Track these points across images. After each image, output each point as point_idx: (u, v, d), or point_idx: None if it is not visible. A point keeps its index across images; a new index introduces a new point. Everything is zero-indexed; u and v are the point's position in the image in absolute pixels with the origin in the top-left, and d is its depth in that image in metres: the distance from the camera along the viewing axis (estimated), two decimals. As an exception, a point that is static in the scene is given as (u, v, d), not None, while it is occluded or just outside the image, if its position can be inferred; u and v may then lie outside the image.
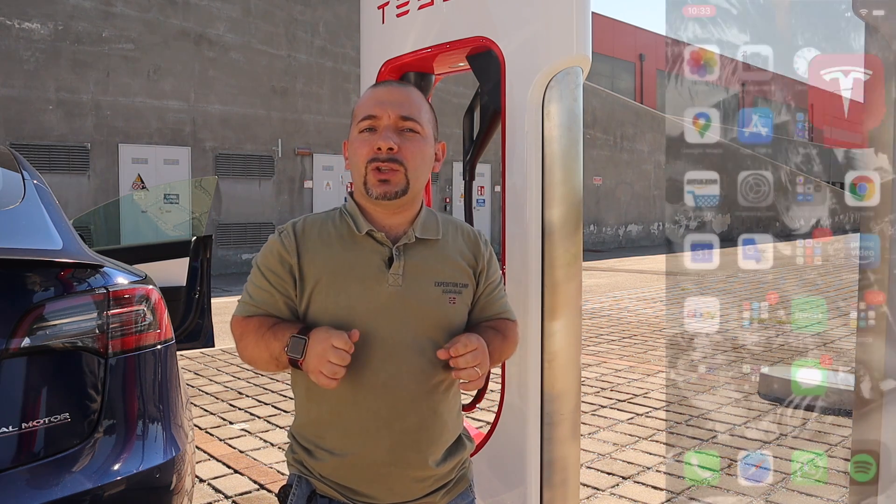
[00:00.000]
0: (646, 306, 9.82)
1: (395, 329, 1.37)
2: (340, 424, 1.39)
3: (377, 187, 1.38)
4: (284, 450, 3.99)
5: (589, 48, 2.00)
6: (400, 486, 1.40)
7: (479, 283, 1.49)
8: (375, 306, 1.37)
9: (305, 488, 1.43)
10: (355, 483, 1.40)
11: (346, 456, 1.39)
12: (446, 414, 1.44)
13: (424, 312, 1.39)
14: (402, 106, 1.41)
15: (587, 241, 20.36)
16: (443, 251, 1.46)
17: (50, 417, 1.59)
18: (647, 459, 3.89)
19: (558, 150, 1.99)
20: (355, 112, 1.46)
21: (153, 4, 12.72)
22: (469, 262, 1.48)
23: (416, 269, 1.41)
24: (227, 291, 11.09)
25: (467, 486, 1.52)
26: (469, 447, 1.52)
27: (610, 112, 22.46)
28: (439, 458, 1.43)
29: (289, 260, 1.40)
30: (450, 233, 1.49)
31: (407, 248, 1.42)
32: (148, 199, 7.05)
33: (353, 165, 1.44)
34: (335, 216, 1.46)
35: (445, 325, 1.41)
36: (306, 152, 14.64)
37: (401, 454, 1.38)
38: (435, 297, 1.41)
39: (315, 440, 1.42)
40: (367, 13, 2.49)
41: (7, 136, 11.27)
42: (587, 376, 5.69)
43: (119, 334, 1.74)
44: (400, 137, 1.39)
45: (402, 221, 1.44)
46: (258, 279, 1.43)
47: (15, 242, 1.71)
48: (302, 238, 1.42)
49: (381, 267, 1.39)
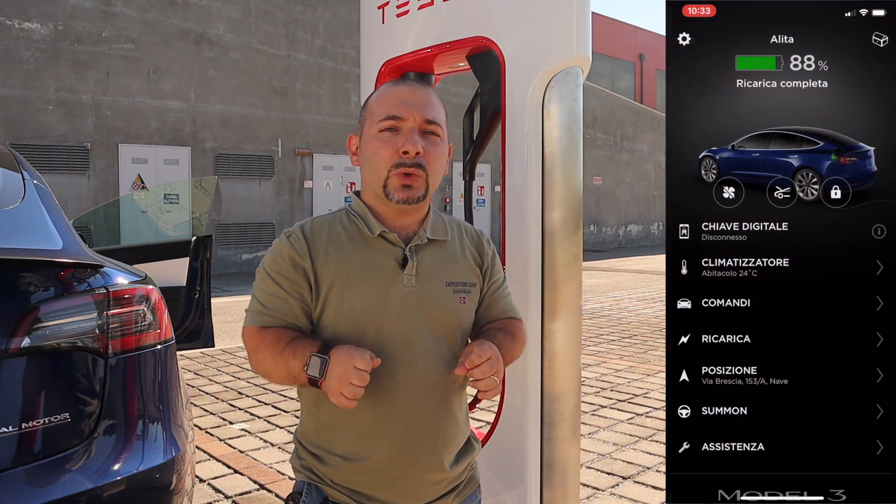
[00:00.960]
0: (646, 306, 9.81)
1: (409, 330, 1.36)
2: (354, 428, 1.35)
3: (399, 192, 1.35)
4: (284, 450, 4.00)
5: (589, 48, 2.00)
6: (415, 489, 1.38)
7: (484, 281, 1.48)
8: (390, 307, 1.35)
9: (316, 496, 1.39)
10: (369, 488, 1.36)
11: (361, 461, 1.35)
12: (459, 414, 1.43)
13: (438, 312, 1.38)
14: (426, 108, 1.38)
15: (587, 241, 20.35)
16: (451, 251, 1.45)
17: (50, 417, 1.59)
18: (647, 459, 3.89)
19: (558, 150, 1.99)
20: (372, 109, 1.41)
21: (153, 4, 12.72)
22: (476, 261, 1.47)
23: (427, 269, 1.39)
24: (227, 291, 11.09)
25: (476, 487, 1.51)
26: (477, 448, 1.51)
27: (610, 112, 22.45)
28: (453, 459, 1.42)
29: (302, 263, 1.35)
30: (455, 233, 1.48)
31: (418, 249, 1.40)
32: (148, 199, 7.05)
33: (370, 165, 1.39)
34: (342, 217, 1.43)
35: (457, 324, 1.41)
36: (306, 152, 14.64)
37: (418, 456, 1.36)
38: (447, 297, 1.40)
39: (325, 445, 1.39)
40: (367, 13, 2.49)
41: (7, 136, 11.27)
42: (587, 376, 5.69)
43: (119, 334, 1.74)
44: (424, 141, 1.36)
45: (412, 222, 1.42)
46: (269, 286, 1.37)
47: (15, 242, 1.70)
48: (312, 241, 1.37)
49: (395, 268, 1.37)
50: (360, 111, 1.47)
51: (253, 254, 14.08)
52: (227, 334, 7.30)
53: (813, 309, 1.56)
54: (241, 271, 13.83)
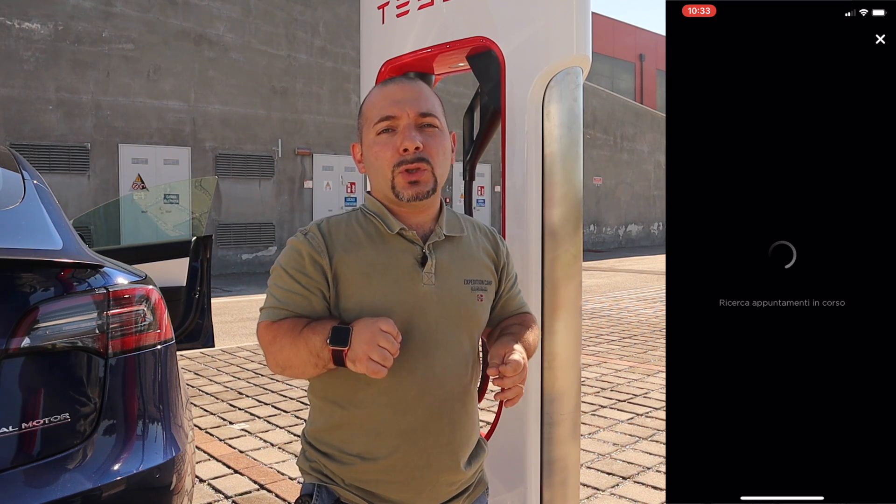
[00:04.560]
0: (646, 306, 9.82)
1: (430, 328, 1.34)
2: (371, 426, 1.33)
3: (408, 189, 1.34)
4: (284, 450, 4.01)
5: (589, 48, 2.00)
6: (431, 489, 1.36)
7: (501, 279, 1.48)
8: (411, 305, 1.33)
9: (327, 498, 1.36)
10: (384, 488, 1.34)
11: (377, 460, 1.33)
12: (474, 415, 1.43)
13: (457, 310, 1.37)
14: (418, 102, 1.36)
15: (587, 241, 20.36)
16: (468, 248, 1.44)
17: (50, 417, 1.59)
18: (647, 459, 3.89)
19: (558, 150, 1.99)
20: (367, 114, 1.40)
21: (153, 4, 12.73)
22: (492, 259, 1.47)
23: (446, 267, 1.38)
24: (227, 291, 11.09)
25: (485, 489, 1.50)
26: (486, 450, 1.50)
27: (610, 112, 22.46)
28: (468, 460, 1.41)
29: (320, 261, 1.32)
30: (469, 230, 1.48)
31: (436, 246, 1.39)
32: (148, 199, 7.06)
33: (375, 170, 1.38)
34: (358, 217, 1.41)
35: (475, 322, 1.41)
36: (306, 152, 14.64)
37: (436, 456, 1.35)
38: (465, 294, 1.39)
39: (339, 445, 1.36)
40: (367, 13, 2.49)
41: (7, 136, 11.27)
42: (587, 376, 5.69)
43: (119, 334, 1.74)
44: (422, 135, 1.35)
45: (427, 219, 1.42)
46: (287, 283, 1.33)
47: (15, 242, 1.70)
48: (330, 239, 1.35)
49: (415, 266, 1.36)
50: (357, 118, 1.46)
51: (253, 254, 14.09)
52: (227, 334, 7.30)
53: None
54: (241, 271, 13.83)
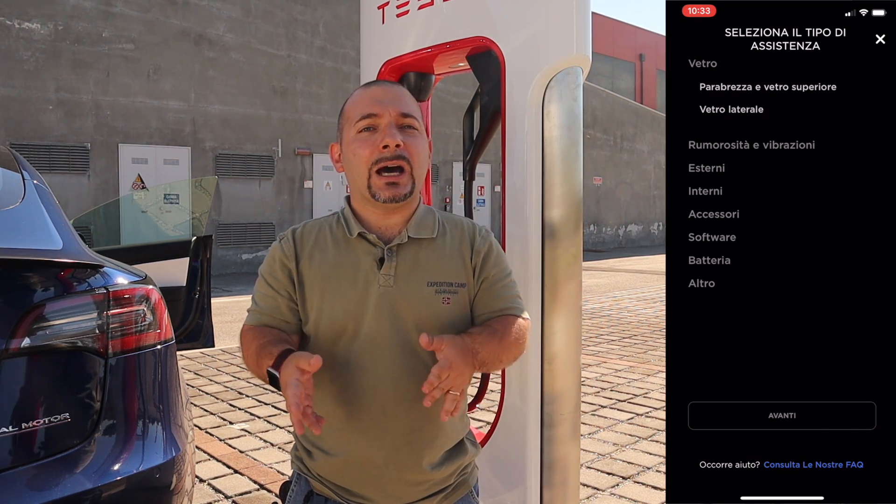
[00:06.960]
0: (646, 306, 9.82)
1: (382, 329, 1.36)
2: (334, 423, 1.38)
3: (384, 191, 1.35)
4: (284, 450, 4.01)
5: (589, 48, 2.00)
6: (393, 488, 1.40)
7: (475, 277, 1.43)
8: (366, 307, 1.36)
9: (304, 486, 1.47)
10: (350, 483, 1.41)
11: (341, 456, 1.40)
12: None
13: (416, 313, 1.37)
14: (400, 103, 1.39)
15: (587, 241, 20.37)
16: (439, 250, 1.42)
17: (50, 417, 1.59)
18: (647, 459, 3.89)
19: (558, 150, 1.99)
20: (348, 113, 1.42)
21: (153, 4, 12.72)
22: (467, 258, 1.44)
23: (408, 269, 1.38)
24: (227, 291, 11.10)
25: (468, 491, 1.50)
26: (472, 452, 1.49)
27: (610, 112, 22.46)
28: (436, 461, 1.41)
29: (288, 265, 1.42)
30: (449, 231, 1.46)
31: (400, 249, 1.39)
32: (148, 199, 7.05)
33: (352, 168, 1.40)
34: (332, 221, 1.46)
35: (439, 326, 1.36)
36: (306, 152, 14.64)
37: (394, 456, 1.38)
38: (427, 297, 1.37)
39: (314, 440, 1.43)
40: (367, 13, 2.49)
41: (7, 136, 11.27)
42: (587, 376, 5.69)
43: (119, 334, 1.74)
44: (403, 134, 1.36)
45: (398, 221, 1.42)
46: (262, 286, 1.45)
47: (15, 242, 1.70)
48: (300, 244, 1.43)
49: (373, 268, 1.38)
50: (338, 118, 1.47)
51: (253, 254, 14.09)
52: (227, 334, 7.29)
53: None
54: (241, 271, 13.83)
